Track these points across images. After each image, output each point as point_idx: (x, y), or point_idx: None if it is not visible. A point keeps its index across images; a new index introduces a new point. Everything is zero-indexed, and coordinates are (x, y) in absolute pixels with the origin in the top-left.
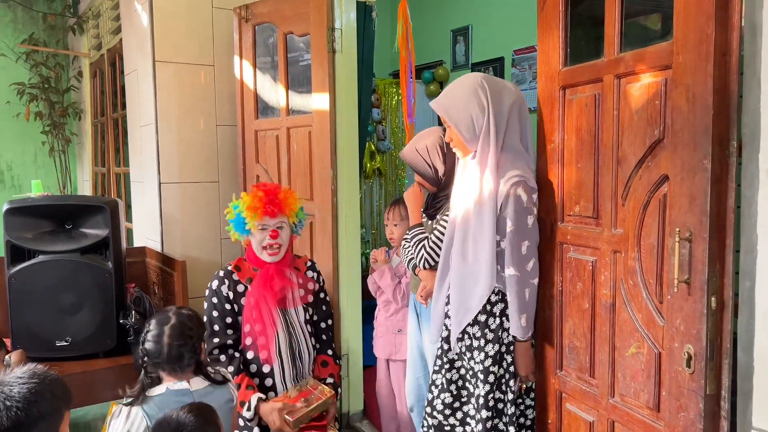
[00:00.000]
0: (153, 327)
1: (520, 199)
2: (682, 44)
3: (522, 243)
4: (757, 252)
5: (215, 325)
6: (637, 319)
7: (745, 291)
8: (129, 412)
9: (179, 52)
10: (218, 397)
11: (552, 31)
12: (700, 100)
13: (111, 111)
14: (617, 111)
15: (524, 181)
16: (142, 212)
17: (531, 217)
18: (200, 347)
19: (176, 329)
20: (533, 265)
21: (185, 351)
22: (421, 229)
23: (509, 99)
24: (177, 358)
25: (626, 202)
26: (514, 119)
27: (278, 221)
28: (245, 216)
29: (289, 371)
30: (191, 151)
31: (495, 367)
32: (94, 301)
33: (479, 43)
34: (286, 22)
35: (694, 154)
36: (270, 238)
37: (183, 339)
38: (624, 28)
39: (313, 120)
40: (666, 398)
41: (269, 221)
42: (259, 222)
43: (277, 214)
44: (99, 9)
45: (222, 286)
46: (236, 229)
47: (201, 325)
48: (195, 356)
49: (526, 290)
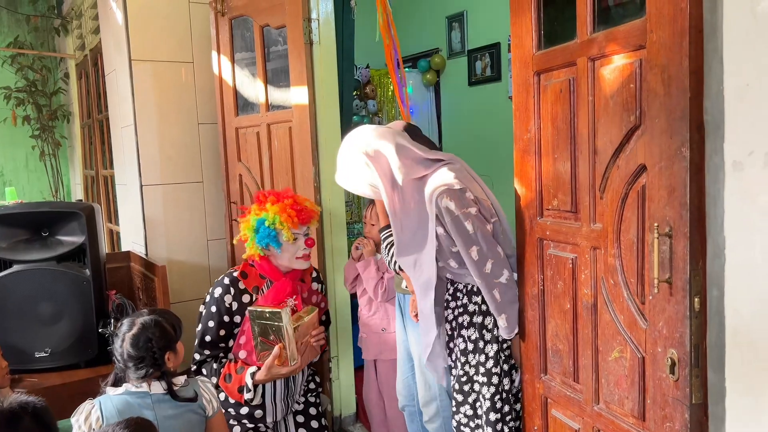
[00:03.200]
0: (119, 331)
1: (449, 209)
2: (656, 20)
3: (470, 250)
4: (725, 257)
5: (207, 335)
6: (620, 321)
7: (714, 300)
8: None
9: (156, 49)
10: (177, 404)
11: (524, 12)
12: (676, 81)
13: (96, 113)
14: (592, 96)
15: (447, 190)
16: (128, 215)
17: (468, 222)
18: (164, 357)
19: (136, 339)
20: (491, 266)
21: (143, 362)
22: (390, 232)
23: (390, 153)
24: (135, 367)
25: (604, 195)
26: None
27: (306, 228)
28: (279, 228)
29: (280, 391)
30: (173, 152)
31: (497, 368)
32: (73, 310)
33: (475, 30)
34: (262, 15)
35: (671, 142)
36: (307, 246)
37: (143, 351)
38: (599, 4)
39: (293, 115)
40: (651, 407)
41: (301, 229)
42: (295, 231)
43: (309, 220)
44: (81, 9)
45: (226, 295)
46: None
47: (168, 334)
48: (156, 366)
49: (495, 291)
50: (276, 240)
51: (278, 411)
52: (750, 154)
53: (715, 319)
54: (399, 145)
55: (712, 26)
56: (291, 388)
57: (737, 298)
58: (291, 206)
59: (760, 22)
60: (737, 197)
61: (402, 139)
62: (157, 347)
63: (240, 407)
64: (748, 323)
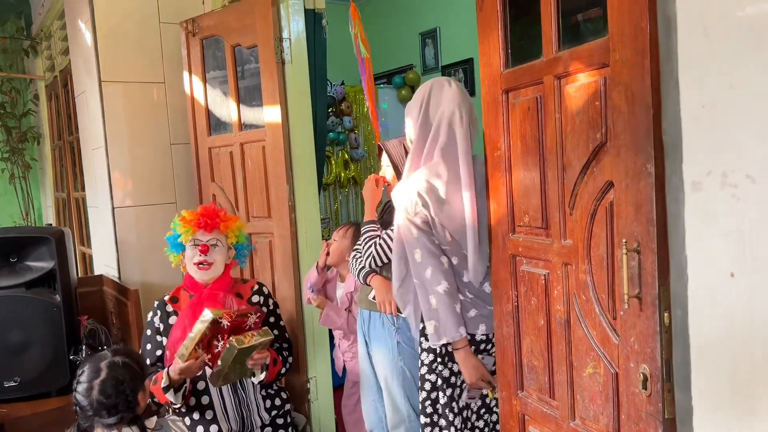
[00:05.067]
0: (83, 379)
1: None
2: (618, 39)
3: (414, 251)
4: (687, 276)
5: (146, 359)
6: (592, 337)
7: (678, 320)
8: None
9: (127, 70)
10: None
11: (492, 31)
12: (639, 99)
13: (67, 134)
14: (559, 114)
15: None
16: (100, 238)
17: (413, 227)
18: (136, 399)
19: (107, 384)
20: (431, 273)
21: (117, 407)
22: (374, 226)
23: (448, 106)
24: (108, 414)
25: (574, 211)
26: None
27: (212, 237)
28: (180, 231)
29: (230, 399)
30: (145, 173)
31: (431, 375)
32: (43, 337)
33: (448, 45)
34: (233, 35)
35: (637, 159)
36: (199, 252)
37: (115, 396)
38: (564, 24)
39: (266, 134)
40: (625, 422)
41: (202, 236)
42: (192, 236)
43: (212, 229)
44: (50, 30)
45: (155, 317)
46: (172, 248)
47: (137, 373)
48: (129, 410)
49: (431, 297)
50: (177, 243)
51: (232, 422)
52: (708, 174)
53: (680, 338)
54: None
55: (667, 48)
56: (242, 397)
57: (701, 317)
58: (196, 213)
59: (714, 44)
60: (697, 217)
61: None
62: (129, 389)
63: (196, 426)
64: (712, 342)
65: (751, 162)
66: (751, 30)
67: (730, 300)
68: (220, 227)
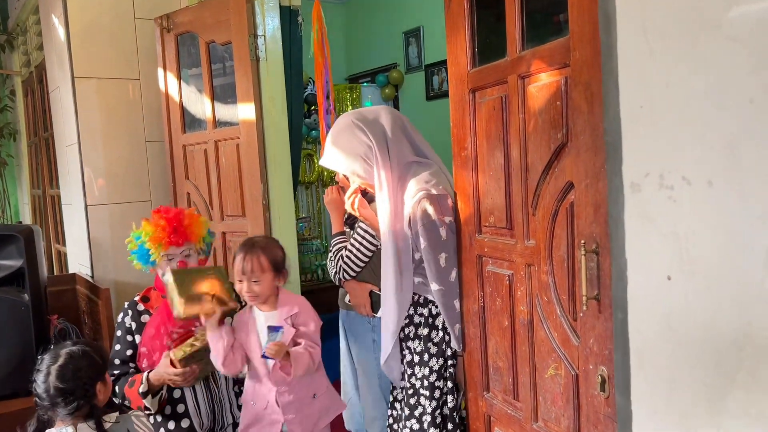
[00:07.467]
0: (43, 366)
1: (426, 212)
2: (578, 39)
3: (439, 256)
4: (627, 279)
5: (116, 358)
6: (554, 338)
7: (618, 323)
8: None
9: (101, 66)
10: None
11: (459, 30)
12: (599, 99)
13: (42, 131)
14: (523, 114)
15: (427, 193)
16: (73, 236)
17: (443, 228)
18: (95, 389)
19: (65, 369)
20: (455, 277)
21: (74, 395)
22: (342, 238)
23: (387, 123)
24: (64, 402)
25: (536, 212)
26: (399, 138)
27: (184, 249)
28: (149, 247)
29: (202, 395)
30: (120, 170)
31: (440, 382)
32: (10, 337)
33: (431, 45)
34: (208, 31)
35: (596, 159)
36: None
37: (72, 382)
38: (528, 23)
39: (241, 132)
40: (585, 424)
41: (175, 251)
42: (164, 252)
43: (183, 243)
44: (26, 24)
45: (126, 317)
46: (140, 261)
47: (97, 363)
48: (86, 399)
49: (456, 301)
50: (147, 259)
51: (204, 418)
52: (646, 176)
53: (620, 341)
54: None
55: (607, 47)
56: (214, 392)
57: (640, 320)
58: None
59: (651, 42)
60: (636, 219)
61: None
62: (86, 377)
63: (167, 420)
64: (651, 346)
65: (686, 163)
66: (687, 28)
67: (668, 303)
68: (191, 239)
